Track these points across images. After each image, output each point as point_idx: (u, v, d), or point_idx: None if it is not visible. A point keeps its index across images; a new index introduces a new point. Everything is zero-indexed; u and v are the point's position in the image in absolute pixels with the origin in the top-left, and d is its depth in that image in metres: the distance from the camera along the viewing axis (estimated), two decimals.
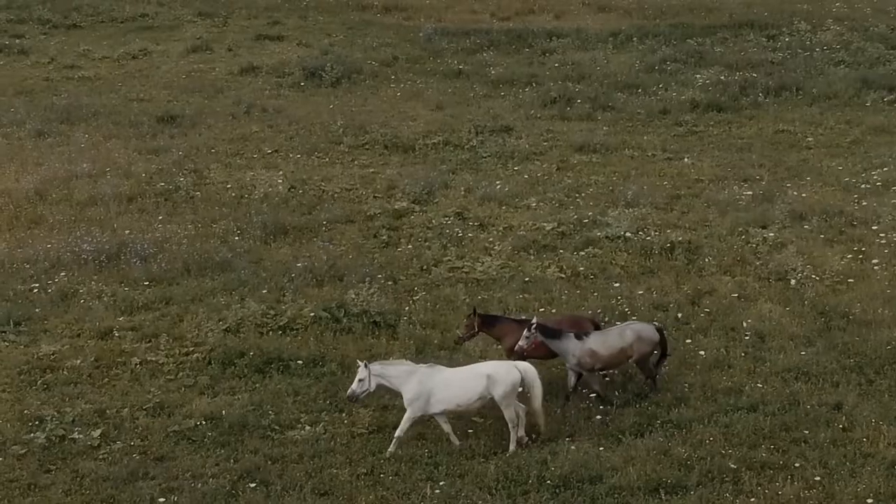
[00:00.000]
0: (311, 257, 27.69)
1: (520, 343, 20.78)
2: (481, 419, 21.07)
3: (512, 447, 20.09)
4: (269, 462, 20.16)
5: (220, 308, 25.41)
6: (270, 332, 24.51)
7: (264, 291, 26.14)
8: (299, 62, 44.02)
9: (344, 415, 21.47)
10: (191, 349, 24.02)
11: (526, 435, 20.34)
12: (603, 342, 21.22)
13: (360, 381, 20.22)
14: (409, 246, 28.51)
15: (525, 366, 20.26)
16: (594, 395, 21.52)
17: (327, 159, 34.98)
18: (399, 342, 24.01)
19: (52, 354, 23.85)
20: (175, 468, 20.13)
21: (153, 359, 23.67)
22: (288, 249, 28.47)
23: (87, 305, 25.92)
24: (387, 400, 21.39)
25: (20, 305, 25.86)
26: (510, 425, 20.07)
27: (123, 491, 19.48)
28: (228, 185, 32.56)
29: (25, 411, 21.82)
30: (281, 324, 24.71)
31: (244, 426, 21.14)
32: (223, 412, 21.50)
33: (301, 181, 32.82)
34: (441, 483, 19.43)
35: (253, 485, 19.54)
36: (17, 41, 49.12)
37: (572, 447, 20.06)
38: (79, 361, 23.58)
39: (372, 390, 20.33)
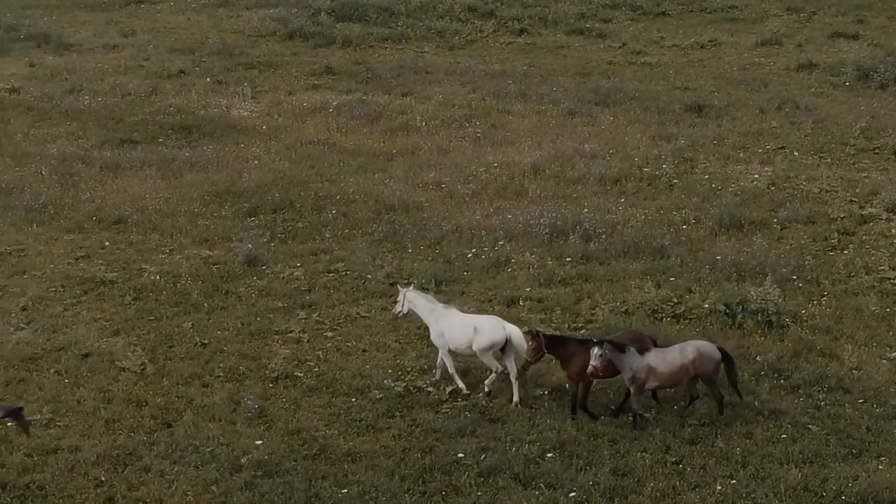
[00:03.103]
0: (747, 252, 27.41)
1: (592, 363, 20.32)
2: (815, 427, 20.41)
3: (515, 398, 21.60)
4: (583, 437, 20.55)
5: (628, 289, 25.87)
6: (664, 319, 24.69)
7: (679, 280, 26.27)
8: (854, 62, 42.92)
9: (676, 405, 21.42)
10: (579, 325, 24.70)
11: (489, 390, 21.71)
12: (662, 359, 20.54)
13: (398, 302, 22.63)
14: (851, 252, 27.52)
15: (513, 329, 21.55)
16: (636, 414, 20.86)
17: (829, 160, 34.27)
18: (782, 344, 23.46)
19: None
20: (501, 431, 21.02)
21: (541, 329, 24.49)
22: (730, 243, 28.34)
23: (512, 275, 27.24)
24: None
25: (454, 268, 27.58)
26: (511, 376, 21.64)
27: (443, 443, 20.64)
28: (707, 176, 32.69)
29: (399, 361, 23.44)
30: (677, 312, 24.88)
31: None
32: (567, 385, 22.01)
33: (784, 178, 32.44)
34: (733, 482, 19.11)
35: (551, 455, 20.03)
36: (601, 25, 51.23)
37: (880, 466, 19.04)
38: None
39: (405, 313, 22.54)
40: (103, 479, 19.67)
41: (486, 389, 22.06)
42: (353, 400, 22.12)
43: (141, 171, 34.43)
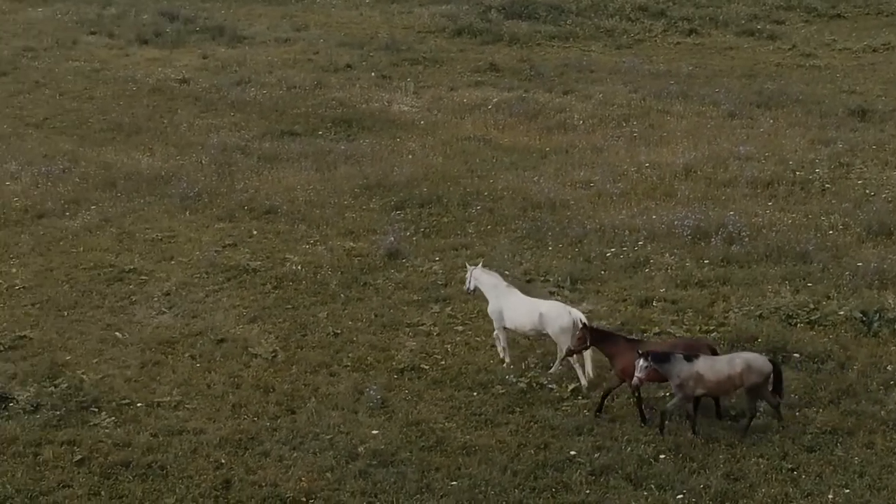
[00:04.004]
0: (892, 260, 26.84)
1: (637, 375, 20.12)
2: None
3: (554, 366, 22.55)
4: (700, 441, 20.39)
5: (765, 294, 25.53)
6: (797, 324, 24.33)
7: (818, 286, 25.84)
8: None
9: (796, 412, 21.09)
10: (711, 328, 24.47)
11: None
12: (711, 367, 20.10)
13: (466, 278, 23.47)
14: None
15: (578, 314, 22.22)
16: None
17: None
18: None
19: (587, 312, 25.29)
20: (618, 430, 20.97)
21: (671, 331, 24.39)
22: (877, 250, 27.75)
23: (649, 275, 27.09)
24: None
25: (592, 267, 27.53)
26: (559, 353, 22.36)
27: (559, 440, 20.69)
28: (861, 182, 32.06)
29: (524, 357, 23.51)
30: (812, 318, 24.50)
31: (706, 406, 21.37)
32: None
33: None
34: (847, 491, 18.80)
35: (664, 456, 19.93)
36: (773, 27, 50.50)
37: None
38: (604, 323, 24.81)
39: (472, 289, 23.44)
40: (223, 461, 20.14)
41: (550, 371, 22.81)
42: (475, 394, 22.27)
43: (297, 163, 35.06)
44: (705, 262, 27.40)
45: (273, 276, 27.39)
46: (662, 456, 20.01)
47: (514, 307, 22.76)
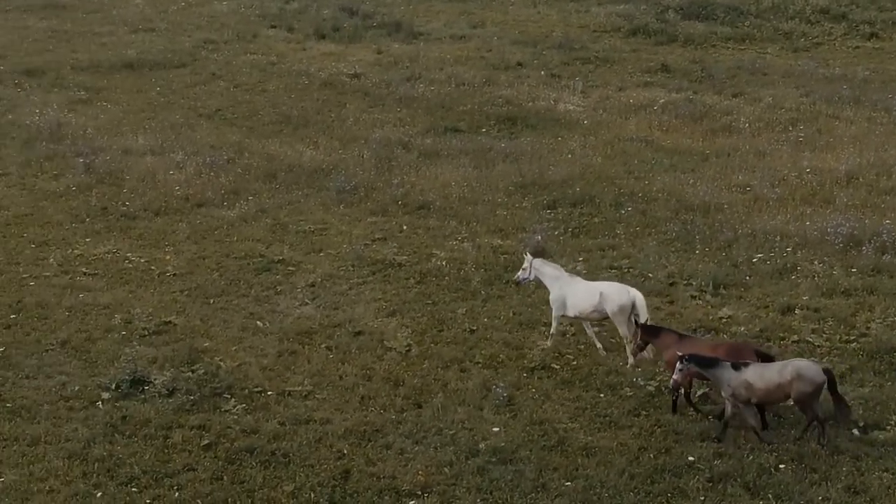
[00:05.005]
0: None
1: (674, 377, 20.13)
2: None
3: (630, 360, 22.77)
4: (824, 452, 20.04)
5: None
6: None
7: None
8: None
9: None
10: (852, 338, 24.00)
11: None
12: (761, 375, 19.68)
13: (523, 269, 24.14)
14: None
15: (638, 294, 22.95)
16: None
17: None
18: None
19: (726, 318, 25.06)
20: (741, 438, 20.71)
21: (810, 339, 24.01)
22: None
23: (794, 282, 26.68)
24: None
25: (737, 272, 27.21)
26: (625, 340, 22.84)
27: (681, 446, 20.49)
28: None
29: (657, 360, 23.36)
30: None
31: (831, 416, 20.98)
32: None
33: None
34: None
35: (784, 466, 19.67)
36: None
37: None
38: (742, 329, 24.52)
39: (531, 279, 24.05)
40: (345, 452, 20.45)
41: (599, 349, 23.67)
42: (602, 396, 22.22)
43: (456, 160, 35.33)
44: (853, 270, 26.87)
45: (417, 272, 27.67)
46: (783, 466, 19.70)
47: (576, 293, 23.38)
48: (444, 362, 23.46)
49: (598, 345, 23.70)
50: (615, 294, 23.04)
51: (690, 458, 19.98)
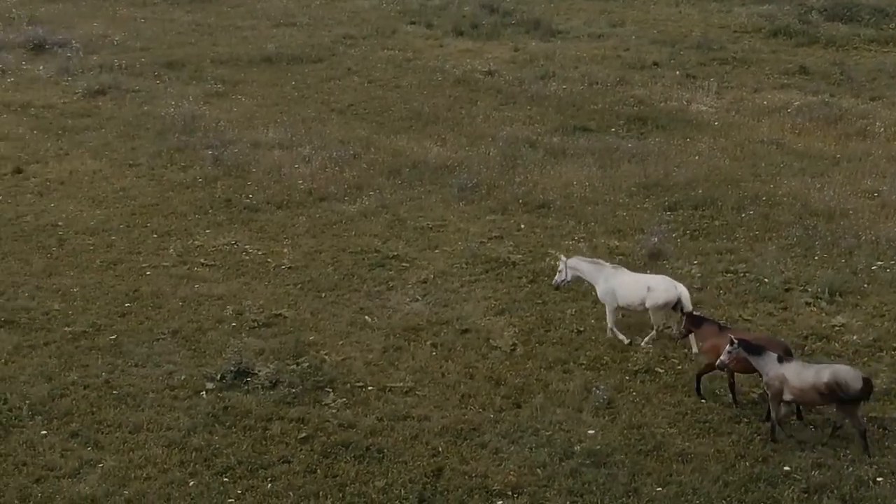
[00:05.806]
0: None
1: (721, 358, 20.34)
2: None
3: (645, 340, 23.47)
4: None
5: None
6: None
7: None
8: None
9: None
10: None
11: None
12: (797, 373, 19.64)
13: (559, 272, 24.32)
14: None
15: (683, 289, 23.33)
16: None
17: None
18: None
19: (839, 326, 24.64)
20: (843, 450, 20.42)
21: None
22: None
23: None
24: None
25: (856, 279, 26.72)
26: (654, 328, 23.48)
27: (779, 455, 20.29)
28: None
29: None
30: None
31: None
32: None
33: None
34: None
35: (881, 479, 19.31)
36: None
37: None
38: (854, 338, 24.08)
39: (569, 280, 24.30)
40: (440, 449, 20.56)
41: (644, 345, 23.75)
42: (704, 401, 21.99)
43: (581, 159, 35.18)
44: None
45: (530, 271, 27.64)
46: (881, 479, 19.34)
47: (625, 284, 23.67)
48: (548, 362, 23.43)
49: (620, 336, 24.03)
50: (662, 289, 23.42)
51: (787, 468, 19.73)
